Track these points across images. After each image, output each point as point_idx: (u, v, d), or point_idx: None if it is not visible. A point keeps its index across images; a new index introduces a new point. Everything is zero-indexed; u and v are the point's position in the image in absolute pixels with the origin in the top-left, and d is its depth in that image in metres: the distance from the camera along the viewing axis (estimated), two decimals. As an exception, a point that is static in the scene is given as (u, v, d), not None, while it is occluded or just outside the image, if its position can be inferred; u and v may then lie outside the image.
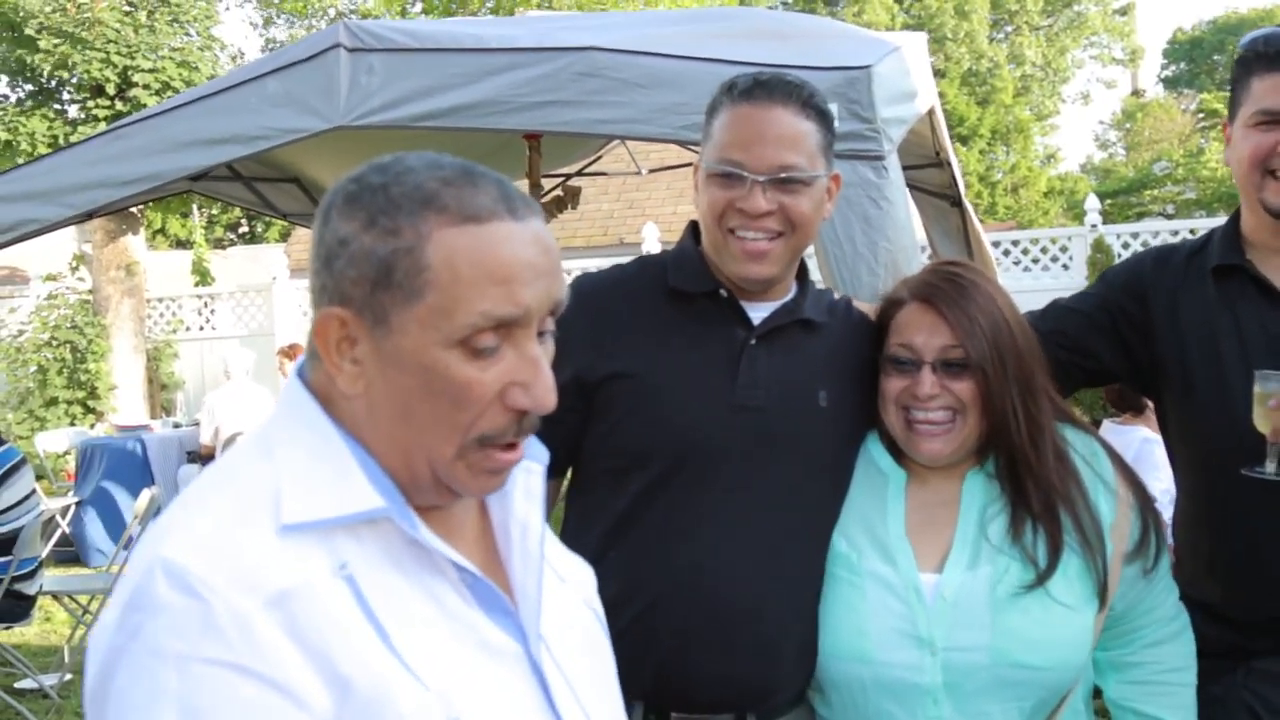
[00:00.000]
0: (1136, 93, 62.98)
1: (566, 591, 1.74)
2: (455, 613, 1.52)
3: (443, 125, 4.82)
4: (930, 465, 2.56)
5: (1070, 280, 16.34)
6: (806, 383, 2.60)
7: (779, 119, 2.51)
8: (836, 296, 2.84)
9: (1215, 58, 70.25)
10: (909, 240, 4.28)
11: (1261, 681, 2.69)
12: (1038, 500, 2.49)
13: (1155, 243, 16.70)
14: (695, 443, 2.52)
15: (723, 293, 2.61)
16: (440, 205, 1.48)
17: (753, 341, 2.58)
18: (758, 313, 2.61)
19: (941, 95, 48.15)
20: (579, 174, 8.84)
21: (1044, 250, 17.62)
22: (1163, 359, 2.86)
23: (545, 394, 1.53)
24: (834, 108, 4.13)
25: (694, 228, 2.72)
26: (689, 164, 6.37)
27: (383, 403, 1.50)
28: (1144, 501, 2.57)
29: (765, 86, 2.53)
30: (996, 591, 2.43)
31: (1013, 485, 2.52)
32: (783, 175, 2.49)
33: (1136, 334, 2.91)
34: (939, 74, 50.99)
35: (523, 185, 7.62)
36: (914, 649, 2.43)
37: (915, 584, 2.46)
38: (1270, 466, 2.58)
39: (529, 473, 1.67)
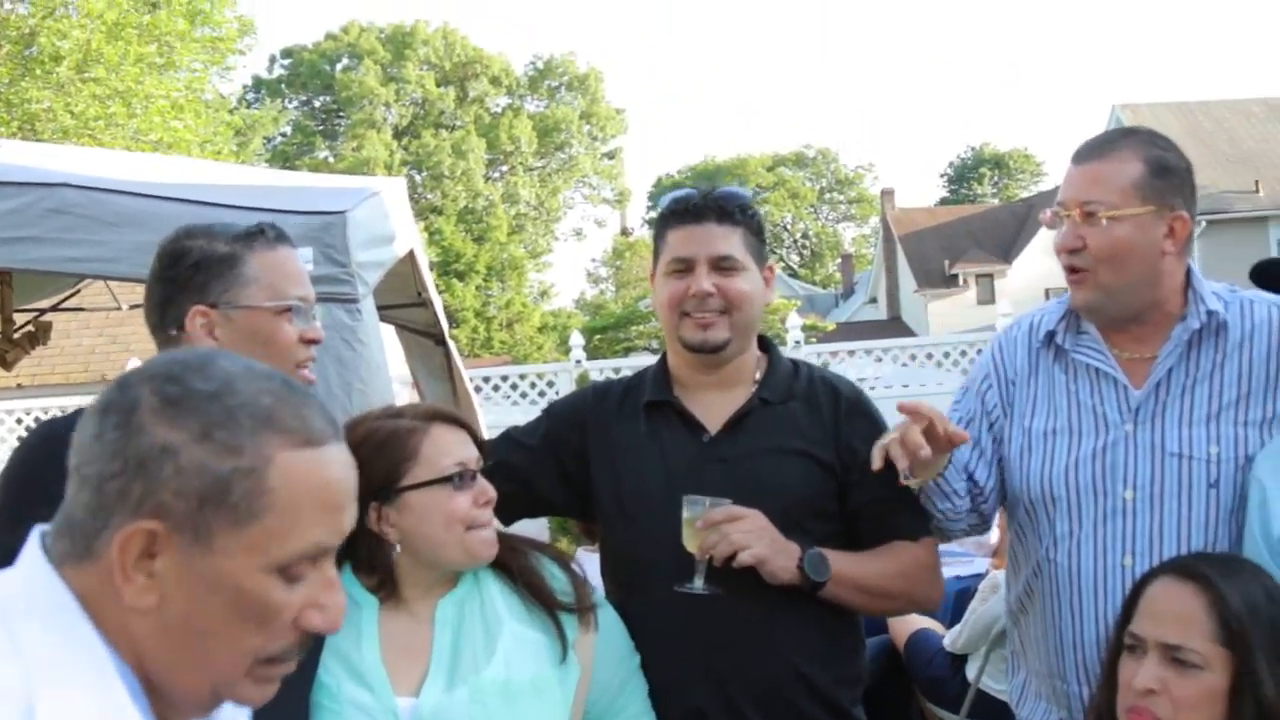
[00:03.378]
0: (625, 232, 66.31)
1: None
2: None
3: (-102, 259, 4.58)
4: None
5: (559, 411, 17.02)
6: None
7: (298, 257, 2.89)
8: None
9: (694, 202, 75.17)
10: (383, 381, 4.41)
11: None
12: (526, 603, 2.70)
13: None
14: None
15: None
16: (282, 426, 1.45)
17: None
18: None
19: (438, 232, 49.06)
20: (55, 309, 8.49)
21: (532, 385, 18.37)
22: (599, 485, 3.11)
23: (339, 615, 1.52)
24: (309, 251, 4.25)
25: None
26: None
27: (177, 621, 1.43)
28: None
29: (278, 232, 2.85)
30: (472, 710, 2.57)
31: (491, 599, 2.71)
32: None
33: (576, 462, 3.15)
34: (436, 211, 52.04)
35: (-6, 321, 7.25)
36: None
37: (393, 708, 2.57)
38: (698, 582, 2.85)
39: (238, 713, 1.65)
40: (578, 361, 18.33)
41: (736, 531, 2.81)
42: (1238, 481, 2.88)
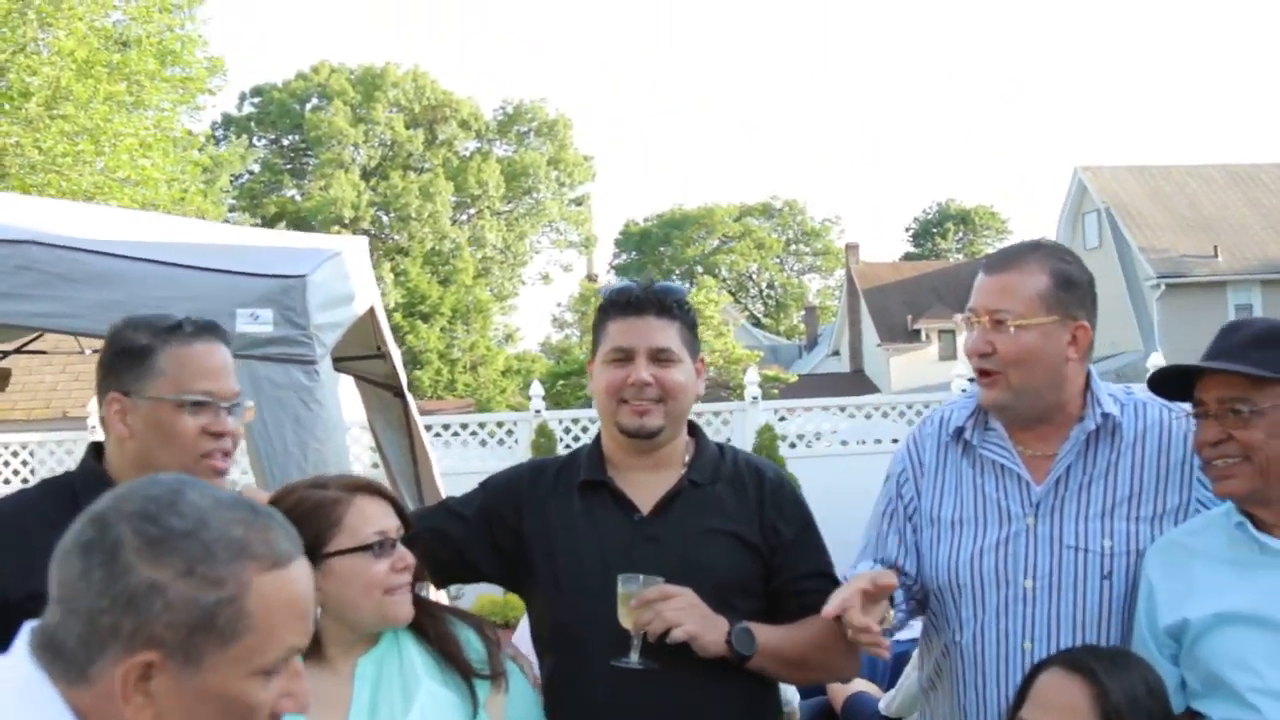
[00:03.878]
0: (591, 278, 66.28)
1: None
2: None
3: None
4: None
5: (516, 456, 17.15)
6: None
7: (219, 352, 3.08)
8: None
9: (661, 249, 75.57)
10: (339, 440, 4.55)
11: None
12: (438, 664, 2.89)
13: (593, 428, 17.94)
14: None
15: None
16: (254, 554, 1.64)
17: None
18: None
19: (404, 273, 48.89)
20: (18, 351, 8.55)
21: (490, 434, 18.53)
22: (533, 560, 3.26)
23: (306, 699, 1.73)
24: (269, 313, 4.38)
25: (95, 449, 3.07)
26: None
27: None
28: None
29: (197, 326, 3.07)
30: None
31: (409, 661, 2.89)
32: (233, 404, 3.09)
33: (510, 537, 3.30)
34: (403, 252, 52.13)
35: (-46, 364, 7.32)
36: None
37: None
38: (634, 656, 3.00)
39: None
40: (537, 411, 18.51)
41: (670, 609, 2.98)
42: (1130, 573, 3.09)
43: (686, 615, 2.99)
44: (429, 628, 2.94)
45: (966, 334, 3.22)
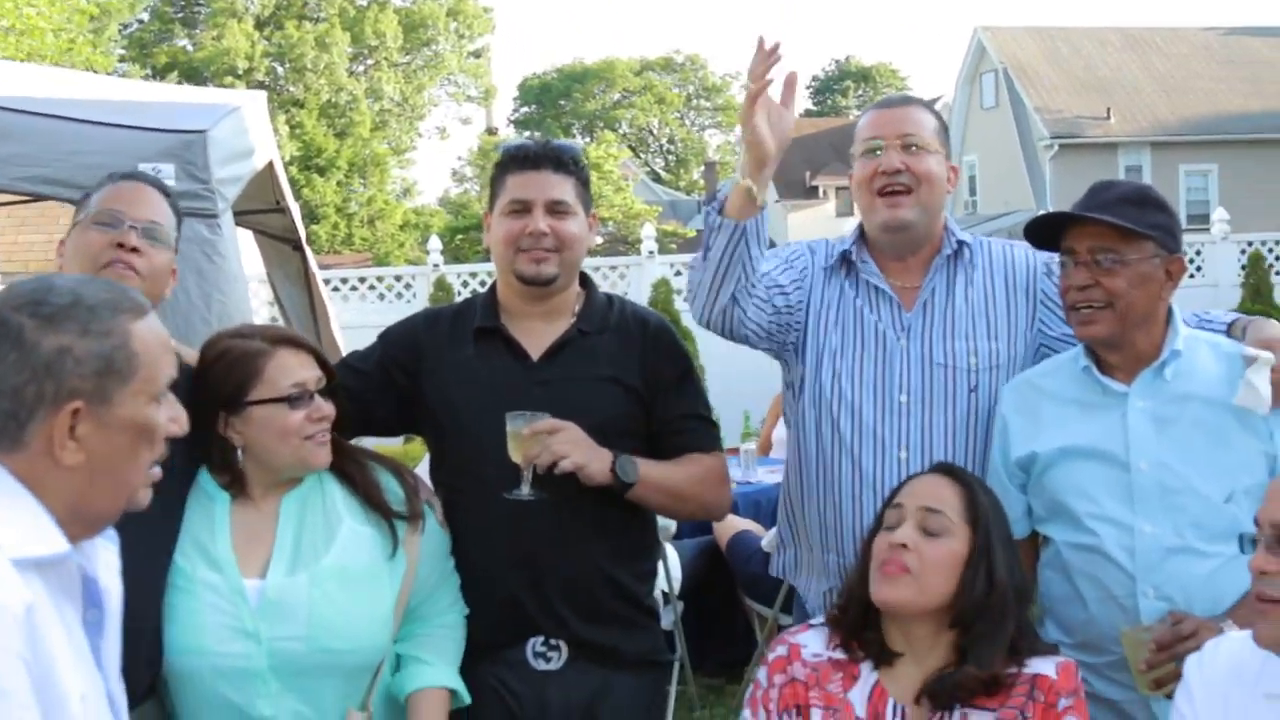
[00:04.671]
0: (491, 131, 65.47)
1: None
2: (78, 639, 1.99)
3: None
4: None
5: (414, 309, 16.97)
6: None
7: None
8: None
9: (562, 102, 74.83)
10: (241, 291, 4.70)
11: (498, 666, 3.38)
12: (357, 506, 3.13)
13: (490, 281, 18.01)
14: None
15: None
16: (124, 308, 2.01)
17: None
18: None
19: (300, 126, 47.57)
20: (-89, 203, 8.51)
21: (389, 288, 18.56)
22: (430, 402, 3.46)
23: (185, 423, 2.13)
24: (171, 168, 4.50)
25: None
26: (27, 200, 6.46)
27: (100, 464, 1.98)
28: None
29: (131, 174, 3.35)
30: (311, 592, 2.98)
31: (331, 501, 3.12)
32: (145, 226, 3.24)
33: (410, 381, 3.49)
34: (298, 104, 51.16)
35: None
36: (242, 641, 2.95)
37: (240, 588, 2.97)
38: (524, 489, 3.21)
39: (108, 550, 2.16)
40: (435, 265, 18.50)
41: (557, 442, 3.18)
42: (992, 386, 3.45)
43: (573, 447, 3.20)
44: (353, 472, 3.16)
45: (863, 163, 3.54)
